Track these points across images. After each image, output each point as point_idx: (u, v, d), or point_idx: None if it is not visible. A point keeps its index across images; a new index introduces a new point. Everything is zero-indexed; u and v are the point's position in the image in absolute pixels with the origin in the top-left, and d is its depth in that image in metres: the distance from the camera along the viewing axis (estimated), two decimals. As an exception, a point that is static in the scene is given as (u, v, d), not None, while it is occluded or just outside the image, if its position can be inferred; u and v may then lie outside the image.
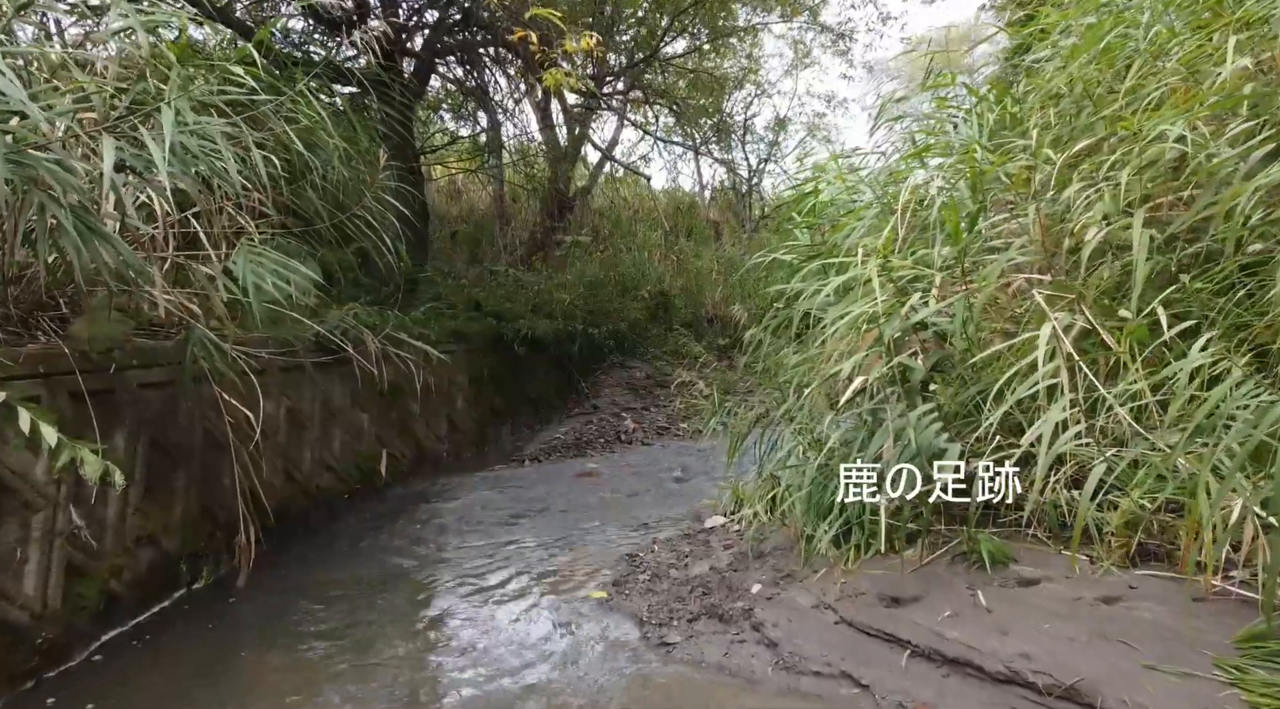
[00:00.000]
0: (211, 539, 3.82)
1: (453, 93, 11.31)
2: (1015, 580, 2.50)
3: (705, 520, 4.39)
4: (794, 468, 3.36)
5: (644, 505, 5.13)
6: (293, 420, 4.88)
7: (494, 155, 11.03)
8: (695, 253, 13.75)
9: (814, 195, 3.41)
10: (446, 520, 4.82)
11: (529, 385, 8.80)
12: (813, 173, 4.11)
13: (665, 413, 9.08)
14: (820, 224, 3.59)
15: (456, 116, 10.98)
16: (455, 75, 10.34)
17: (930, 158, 3.19)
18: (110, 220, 3.16)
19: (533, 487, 5.75)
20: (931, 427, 2.44)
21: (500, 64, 9.81)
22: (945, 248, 2.68)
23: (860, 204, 3.35)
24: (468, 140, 10.78)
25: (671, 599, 3.16)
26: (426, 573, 3.85)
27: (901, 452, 2.38)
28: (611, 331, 9.93)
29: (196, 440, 3.92)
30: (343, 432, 5.48)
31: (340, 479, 5.28)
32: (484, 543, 4.33)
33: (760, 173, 17.82)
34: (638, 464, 6.58)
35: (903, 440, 2.39)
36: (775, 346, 4.58)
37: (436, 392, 6.95)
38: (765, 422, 4.13)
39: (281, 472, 4.63)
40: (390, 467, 5.90)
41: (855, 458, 2.68)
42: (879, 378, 2.40)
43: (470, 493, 5.53)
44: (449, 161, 11.49)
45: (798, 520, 3.27)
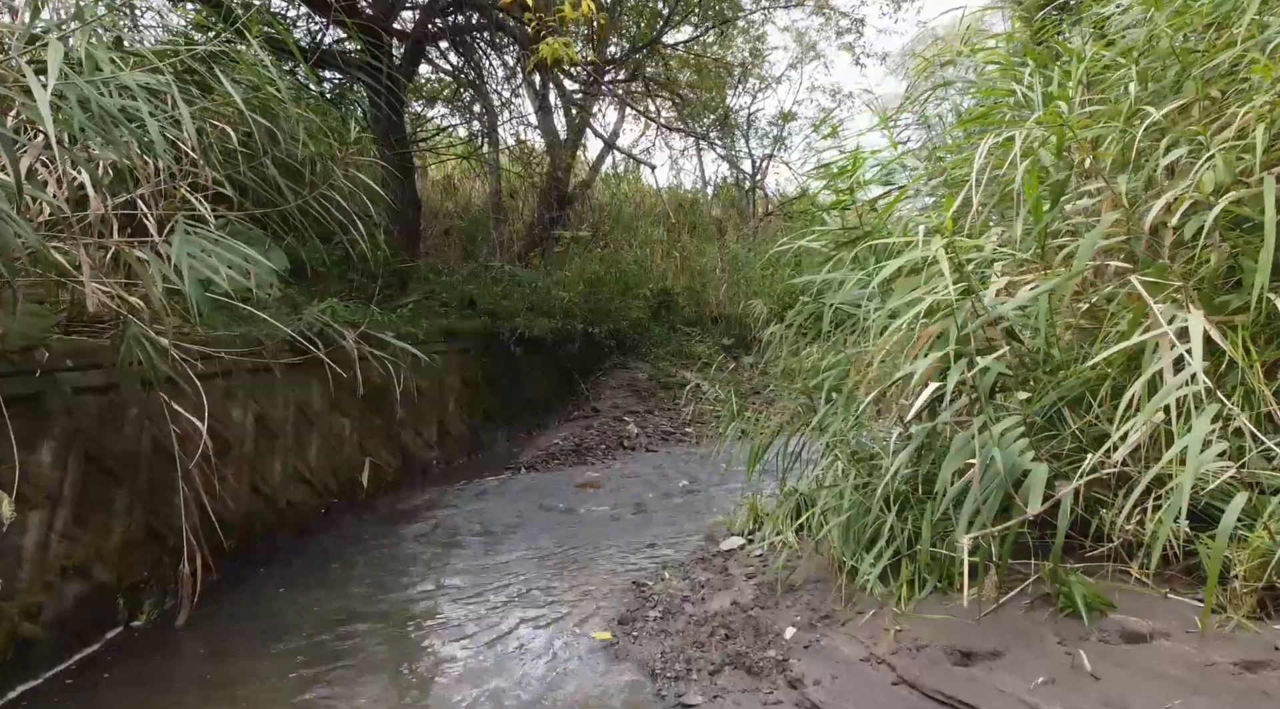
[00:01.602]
0: (158, 567, 3.34)
1: (446, 83, 10.82)
2: (1119, 634, 2.02)
3: (720, 541, 3.91)
4: (830, 487, 2.88)
5: (650, 521, 4.66)
6: (262, 428, 4.40)
7: (489, 141, 10.53)
8: (698, 250, 13.28)
9: (852, 171, 2.95)
10: (431, 539, 4.34)
11: (526, 387, 8.32)
12: (831, 150, 3.63)
13: (669, 416, 8.61)
14: (855, 205, 3.11)
15: (450, 105, 10.48)
16: (449, 63, 9.85)
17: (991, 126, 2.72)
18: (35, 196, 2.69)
19: (528, 499, 5.27)
20: (1018, 443, 1.97)
21: (497, 50, 9.32)
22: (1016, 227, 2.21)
23: (910, 179, 2.88)
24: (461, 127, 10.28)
25: (688, 643, 2.68)
26: (402, 607, 3.37)
27: (982, 474, 1.90)
28: (612, 331, 9.46)
29: (143, 452, 3.44)
30: (320, 439, 5.00)
31: (316, 492, 4.80)
32: (472, 567, 3.85)
33: (764, 169, 17.38)
34: (642, 473, 6.11)
35: (981, 459, 1.92)
36: (797, 346, 4.11)
37: (426, 394, 6.48)
38: (791, 429, 3.66)
39: (247, 485, 4.15)
40: (374, 477, 5.42)
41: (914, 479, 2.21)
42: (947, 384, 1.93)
43: (460, 506, 5.05)
44: (441, 150, 10.98)
45: (835, 548, 2.80)
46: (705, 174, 17.49)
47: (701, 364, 11.03)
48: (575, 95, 9.87)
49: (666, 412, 8.79)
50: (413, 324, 6.54)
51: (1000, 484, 1.96)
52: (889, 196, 3.22)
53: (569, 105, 9.33)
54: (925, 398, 1.80)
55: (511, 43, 8.36)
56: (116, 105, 2.23)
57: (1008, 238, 2.15)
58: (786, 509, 3.70)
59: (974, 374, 1.86)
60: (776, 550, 3.36)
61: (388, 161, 7.87)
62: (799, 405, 3.72)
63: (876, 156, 2.86)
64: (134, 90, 2.21)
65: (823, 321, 3.55)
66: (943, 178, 2.42)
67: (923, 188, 2.60)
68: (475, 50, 9.29)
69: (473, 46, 9.20)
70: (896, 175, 3.27)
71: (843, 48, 16.57)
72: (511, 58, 9.22)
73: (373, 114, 8.01)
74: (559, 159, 10.14)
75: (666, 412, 8.79)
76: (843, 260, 3.47)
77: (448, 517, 4.80)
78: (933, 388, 1.82)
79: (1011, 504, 2.09)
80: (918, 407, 1.80)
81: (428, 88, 10.89)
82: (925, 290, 2.29)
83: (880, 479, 2.75)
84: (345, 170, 3.63)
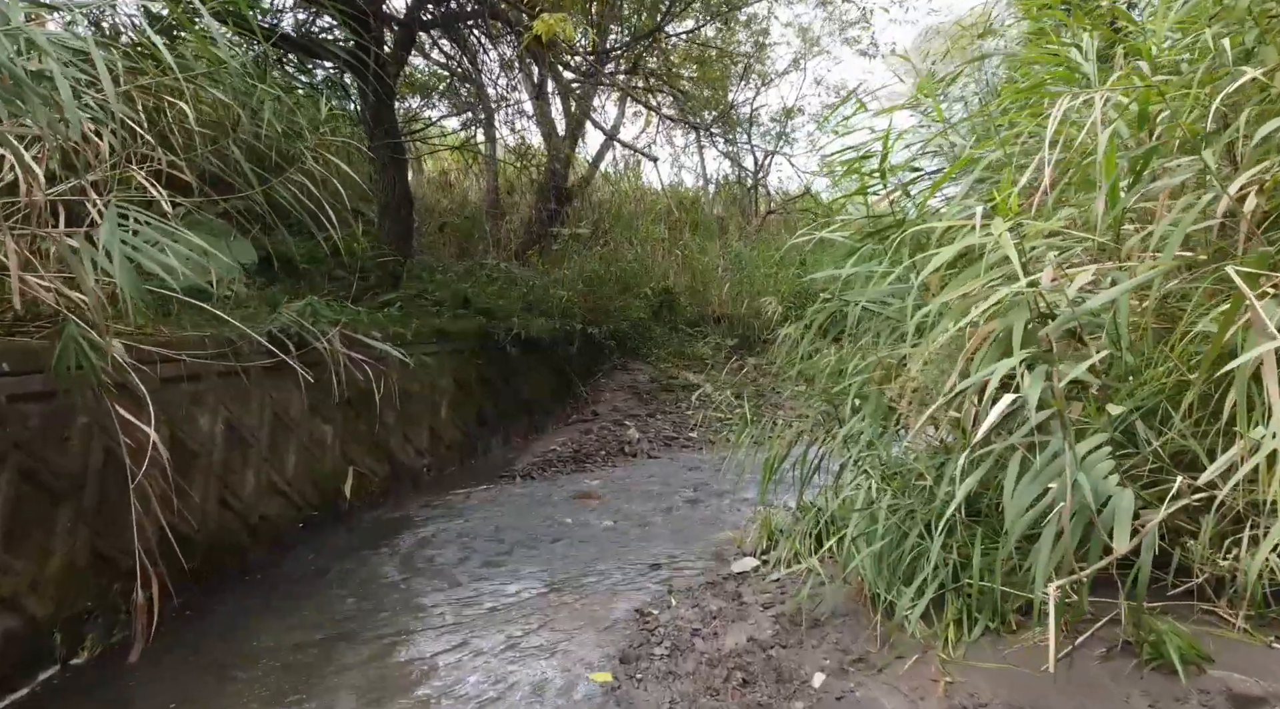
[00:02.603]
0: (106, 595, 3.00)
1: (441, 76, 10.48)
2: (1224, 696, 1.69)
3: (731, 562, 3.57)
4: (862, 510, 2.54)
5: (653, 536, 4.31)
6: (233, 436, 4.06)
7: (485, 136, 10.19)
8: (700, 248, 12.95)
9: (884, 151, 2.61)
10: (416, 557, 4.00)
11: (522, 390, 7.98)
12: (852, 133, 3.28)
13: (672, 420, 8.27)
14: (883, 192, 2.77)
15: (444, 97, 10.13)
16: (443, 52, 9.50)
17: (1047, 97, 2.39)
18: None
19: (523, 511, 4.93)
20: (1101, 466, 1.63)
21: (493, 39, 8.97)
22: (1095, 207, 1.86)
23: (949, 161, 2.54)
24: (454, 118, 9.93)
25: (700, 689, 2.34)
26: (379, 638, 3.02)
27: (1059, 502, 1.56)
28: (612, 331, 9.13)
29: (92, 466, 3.09)
30: (299, 448, 4.66)
31: (293, 505, 4.45)
32: (458, 591, 3.51)
33: (767, 166, 17.08)
34: (643, 481, 5.77)
35: (1060, 483, 1.58)
36: (816, 346, 3.77)
37: (416, 398, 6.14)
38: (810, 439, 3.32)
39: (215, 499, 3.81)
40: (358, 487, 5.09)
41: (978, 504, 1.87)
42: (1028, 396, 1.58)
43: (450, 519, 4.71)
44: (435, 142, 10.63)
45: (867, 579, 2.46)
46: (707, 172, 17.18)
47: (704, 365, 10.71)
48: (574, 86, 9.52)
49: (669, 415, 8.46)
50: (402, 324, 6.20)
51: (1083, 514, 1.62)
52: (920, 181, 2.88)
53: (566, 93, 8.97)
54: (1000, 411, 1.47)
55: (507, 30, 8.02)
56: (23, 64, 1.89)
57: (1081, 220, 1.82)
58: (805, 528, 3.37)
59: (1059, 385, 1.52)
60: (798, 577, 3.02)
61: (378, 154, 7.55)
62: (819, 413, 3.38)
63: (916, 133, 2.54)
64: (44, 48, 1.87)
65: (840, 321, 3.22)
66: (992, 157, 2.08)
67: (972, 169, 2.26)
68: (470, 40, 8.96)
69: (467, 38, 8.87)
70: (929, 157, 2.93)
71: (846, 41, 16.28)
72: (508, 47, 8.88)
73: (361, 105, 7.68)
74: (557, 150, 9.79)
75: (669, 415, 8.46)
76: (869, 253, 3.13)
77: (436, 531, 4.46)
78: (1008, 400, 1.48)
79: (1091, 536, 1.75)
80: (991, 421, 1.46)
81: (422, 80, 10.56)
82: (981, 284, 1.96)
83: (920, 500, 2.42)
84: (316, 153, 3.27)
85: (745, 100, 16.23)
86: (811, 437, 3.37)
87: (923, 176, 2.75)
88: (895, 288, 2.95)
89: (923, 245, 2.72)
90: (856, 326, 3.11)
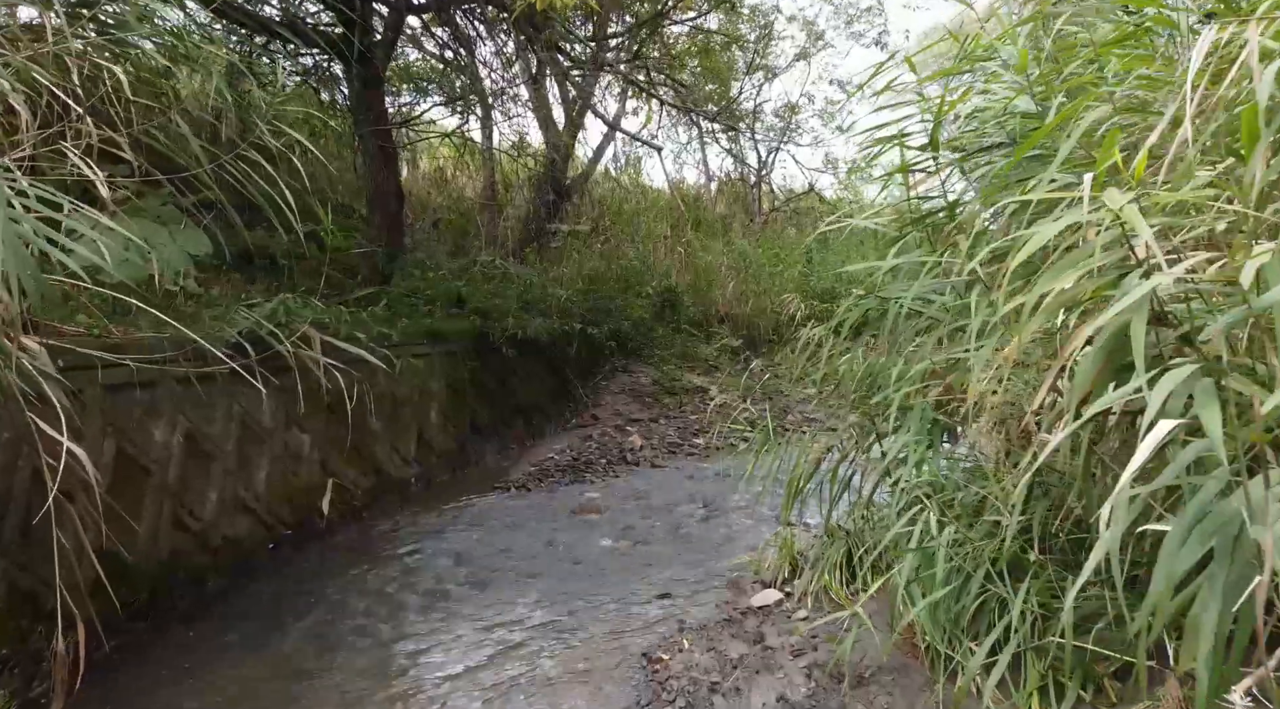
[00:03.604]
0: (26, 640, 2.59)
1: (436, 68, 10.06)
2: None
3: (749, 592, 3.16)
4: (916, 549, 2.12)
5: (660, 559, 3.91)
6: (193, 448, 3.65)
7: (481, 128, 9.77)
8: (703, 246, 12.54)
9: (937, 120, 2.20)
10: (394, 585, 3.59)
11: (519, 393, 7.57)
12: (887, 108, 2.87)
13: (676, 425, 7.86)
14: (939, 168, 2.36)
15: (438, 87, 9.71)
16: (436, 39, 9.08)
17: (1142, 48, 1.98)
18: None
19: (516, 528, 4.52)
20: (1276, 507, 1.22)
21: (489, 26, 8.56)
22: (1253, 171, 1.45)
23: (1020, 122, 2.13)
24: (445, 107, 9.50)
25: (724, 767, 1.93)
26: (343, 693, 2.61)
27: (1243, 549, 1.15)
28: (613, 331, 8.72)
29: (17, 490, 2.69)
30: (272, 459, 4.25)
31: (263, 523, 4.04)
32: (438, 629, 3.10)
33: (771, 163, 16.69)
34: (647, 493, 5.36)
35: (1229, 528, 1.17)
36: (843, 348, 3.36)
37: (405, 403, 5.74)
38: (843, 453, 2.91)
39: (168, 521, 3.40)
40: (338, 501, 4.67)
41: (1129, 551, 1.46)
42: (1208, 425, 1.17)
43: (434, 537, 4.30)
44: (426, 132, 10.21)
45: (925, 632, 2.05)
46: (709, 169, 16.77)
47: (709, 367, 10.30)
48: (572, 73, 9.11)
49: (673, 420, 8.05)
50: (389, 324, 5.80)
51: (1247, 568, 1.21)
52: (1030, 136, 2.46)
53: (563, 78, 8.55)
54: (1160, 439, 1.07)
55: (502, 15, 7.61)
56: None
57: (1219, 192, 1.41)
58: (834, 555, 2.96)
59: (1263, 410, 1.10)
60: (828, 613, 2.61)
61: (365, 143, 7.14)
62: (850, 425, 2.97)
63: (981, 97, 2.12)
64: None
65: (877, 320, 2.82)
66: (1095, 115, 1.66)
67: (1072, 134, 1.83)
68: (462, 27, 8.55)
69: (461, 24, 8.46)
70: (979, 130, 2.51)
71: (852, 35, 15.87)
72: (504, 34, 8.47)
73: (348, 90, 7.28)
74: (555, 140, 9.37)
75: (673, 420, 8.05)
76: (913, 242, 2.73)
77: (419, 552, 4.05)
78: (1170, 427, 1.07)
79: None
80: (1147, 452, 1.05)
81: (415, 70, 10.15)
82: (1079, 274, 1.55)
83: (985, 534, 2.01)
84: (273, 126, 2.85)
85: (749, 96, 15.85)
86: (843, 451, 2.96)
87: (981, 152, 2.33)
88: (940, 282, 2.54)
89: (979, 234, 2.31)
90: (895, 327, 2.70)
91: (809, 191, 16.88)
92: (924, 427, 2.50)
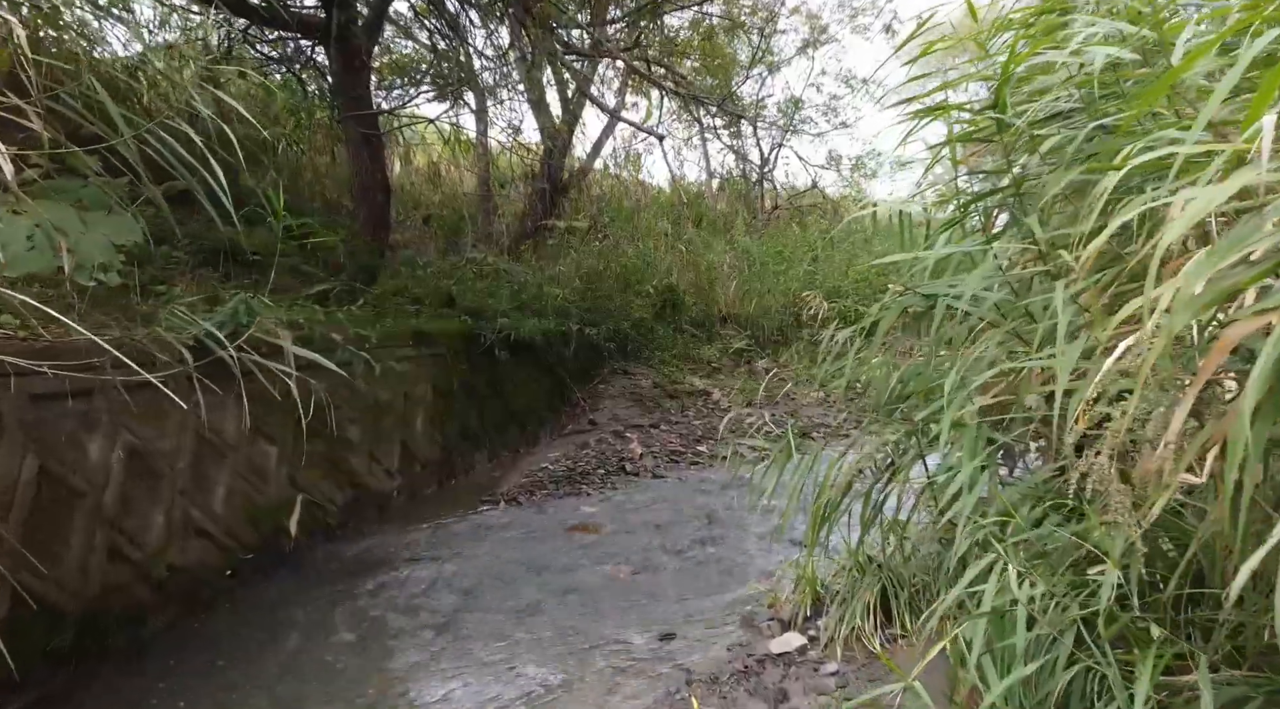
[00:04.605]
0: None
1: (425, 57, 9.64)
2: None
3: (766, 633, 2.75)
4: (988, 613, 1.70)
5: (662, 588, 3.49)
6: (137, 466, 3.23)
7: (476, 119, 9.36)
8: (706, 243, 12.12)
9: (1004, 78, 1.78)
10: (362, 620, 3.17)
11: (512, 398, 7.16)
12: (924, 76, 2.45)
13: (678, 431, 7.45)
14: (1008, 134, 1.94)
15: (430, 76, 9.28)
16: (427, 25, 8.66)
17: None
18: None
19: (503, 550, 4.11)
20: None
21: (482, 11, 8.13)
22: None
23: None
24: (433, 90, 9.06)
25: None
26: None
27: None
28: (612, 332, 8.31)
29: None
30: (233, 475, 3.83)
31: (220, 548, 3.63)
32: (408, 676, 2.69)
33: (774, 160, 16.30)
34: (648, 508, 4.94)
35: None
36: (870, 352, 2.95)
37: (387, 409, 5.32)
38: (878, 474, 2.50)
39: (102, 550, 2.98)
40: (309, 518, 4.25)
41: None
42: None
43: (411, 564, 3.88)
44: (411, 113, 9.77)
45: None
46: (710, 165, 16.36)
47: (712, 369, 9.89)
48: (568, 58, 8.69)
49: (675, 425, 7.64)
50: (370, 324, 5.38)
51: None
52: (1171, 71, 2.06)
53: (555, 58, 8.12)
54: None
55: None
56: None
57: None
58: (865, 593, 2.55)
59: None
60: (862, 665, 2.20)
61: (348, 132, 6.73)
62: (885, 442, 2.55)
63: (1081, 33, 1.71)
64: None
65: (922, 318, 2.42)
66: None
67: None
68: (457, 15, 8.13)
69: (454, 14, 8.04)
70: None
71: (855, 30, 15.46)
72: (496, 18, 8.04)
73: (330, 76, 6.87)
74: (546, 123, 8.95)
75: (675, 425, 7.64)
76: (959, 230, 2.32)
77: (392, 581, 3.63)
78: None
79: None
80: None
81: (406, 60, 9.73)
82: (1240, 253, 1.14)
83: (1077, 596, 1.59)
84: (202, 87, 2.42)
85: (751, 92, 15.45)
86: (878, 470, 2.55)
87: (1052, 119, 1.92)
88: (993, 276, 2.13)
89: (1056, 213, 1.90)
90: (939, 327, 2.29)
91: (812, 188, 16.49)
92: (979, 446, 2.09)
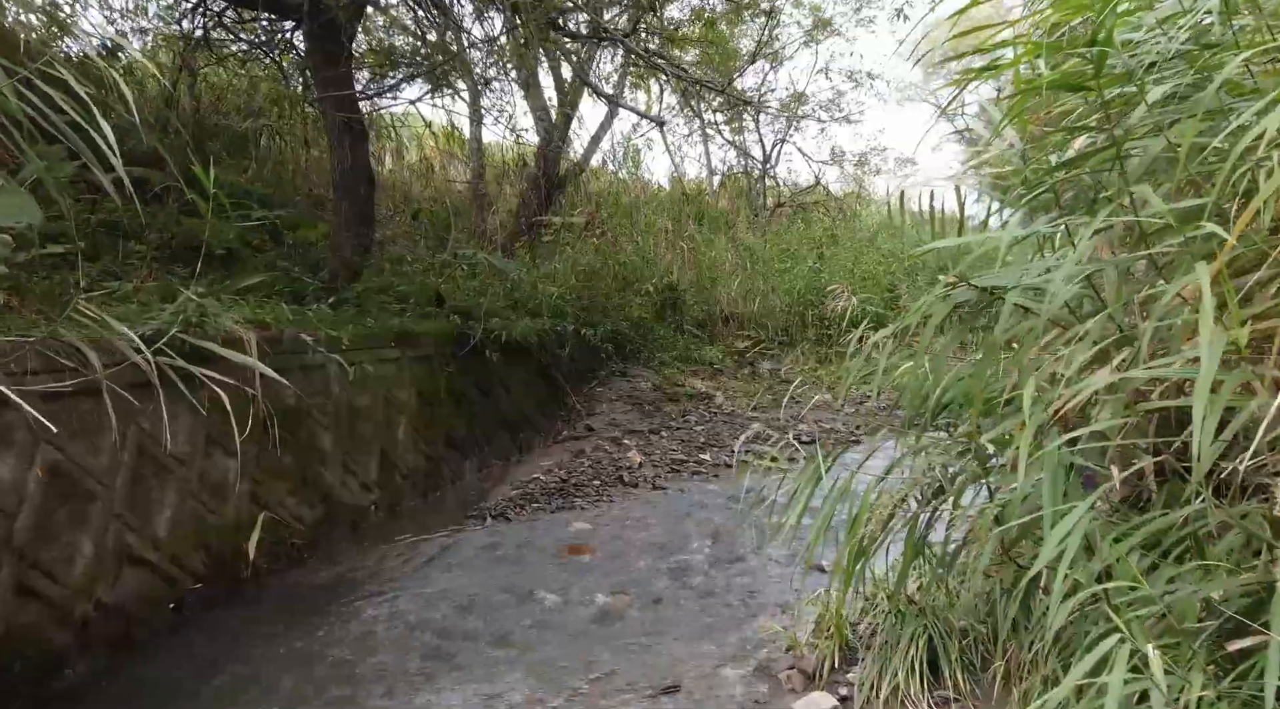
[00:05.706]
0: None
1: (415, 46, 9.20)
2: None
3: (787, 689, 2.33)
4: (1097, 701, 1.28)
5: (664, 624, 3.07)
6: (61, 487, 2.81)
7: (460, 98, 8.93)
8: (707, 241, 11.71)
9: (1100, 16, 1.37)
10: (319, 666, 2.75)
11: (504, 403, 6.74)
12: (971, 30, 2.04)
13: (680, 437, 7.03)
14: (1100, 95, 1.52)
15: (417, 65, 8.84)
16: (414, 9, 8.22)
17: None
18: None
19: (485, 574, 3.69)
20: None
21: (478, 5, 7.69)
22: None
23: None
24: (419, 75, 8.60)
25: None
26: None
27: None
28: (610, 333, 7.91)
29: None
30: (182, 493, 3.41)
31: (163, 578, 3.20)
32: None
33: (776, 156, 15.90)
34: (647, 525, 4.51)
35: None
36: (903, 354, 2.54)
37: (366, 416, 4.91)
38: (923, 504, 2.09)
39: (8, 586, 2.56)
40: (273, 540, 3.83)
41: None
42: None
43: (377, 594, 3.45)
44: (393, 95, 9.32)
45: None
46: (711, 162, 15.94)
47: (714, 371, 9.47)
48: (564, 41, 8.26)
49: (676, 432, 7.21)
50: (348, 324, 4.97)
51: None
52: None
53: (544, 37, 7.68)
54: None
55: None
56: None
57: None
58: (908, 643, 2.13)
59: None
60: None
61: (328, 119, 6.31)
62: (932, 467, 2.13)
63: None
64: None
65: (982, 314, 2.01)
66: None
67: None
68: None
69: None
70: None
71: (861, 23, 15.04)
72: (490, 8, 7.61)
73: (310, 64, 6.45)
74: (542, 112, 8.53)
75: (676, 432, 7.21)
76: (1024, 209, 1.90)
77: (359, 613, 3.21)
78: None
79: None
80: None
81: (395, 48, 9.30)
82: None
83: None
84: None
85: (753, 86, 15.02)
86: (924, 497, 2.13)
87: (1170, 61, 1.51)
88: (1083, 266, 1.71)
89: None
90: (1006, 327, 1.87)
91: (816, 185, 16.08)
92: (1060, 473, 1.68)
